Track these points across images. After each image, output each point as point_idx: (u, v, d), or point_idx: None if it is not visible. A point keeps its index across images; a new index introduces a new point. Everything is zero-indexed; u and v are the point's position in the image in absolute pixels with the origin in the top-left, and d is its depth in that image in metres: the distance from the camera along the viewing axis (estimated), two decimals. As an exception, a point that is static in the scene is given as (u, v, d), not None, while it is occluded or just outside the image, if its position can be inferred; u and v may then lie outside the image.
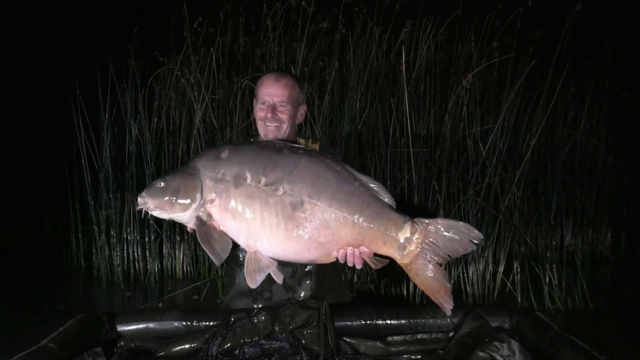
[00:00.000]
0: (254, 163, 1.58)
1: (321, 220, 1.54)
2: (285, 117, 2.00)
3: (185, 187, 1.61)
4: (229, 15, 3.78)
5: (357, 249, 1.56)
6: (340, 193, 1.54)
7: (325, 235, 1.54)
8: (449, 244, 1.54)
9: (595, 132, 4.09)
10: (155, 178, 3.63)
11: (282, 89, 1.99)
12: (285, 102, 1.99)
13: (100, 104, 3.64)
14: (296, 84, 2.06)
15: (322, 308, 1.77)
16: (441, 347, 1.82)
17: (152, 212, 1.65)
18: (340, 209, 1.53)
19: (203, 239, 1.59)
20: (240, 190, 1.57)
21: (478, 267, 3.32)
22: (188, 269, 3.73)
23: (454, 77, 3.55)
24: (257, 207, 1.55)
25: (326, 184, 1.55)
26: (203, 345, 1.76)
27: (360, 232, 1.53)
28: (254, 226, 1.57)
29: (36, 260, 4.04)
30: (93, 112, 3.66)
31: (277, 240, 1.56)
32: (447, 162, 3.38)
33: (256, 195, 1.55)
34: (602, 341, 2.53)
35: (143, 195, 1.65)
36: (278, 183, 1.55)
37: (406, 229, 1.54)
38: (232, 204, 1.57)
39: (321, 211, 1.53)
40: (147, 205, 1.63)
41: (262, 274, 1.59)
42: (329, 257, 1.59)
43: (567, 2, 2.89)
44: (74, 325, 1.71)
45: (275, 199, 1.54)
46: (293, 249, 1.57)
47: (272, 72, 2.08)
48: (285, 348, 1.74)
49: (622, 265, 4.06)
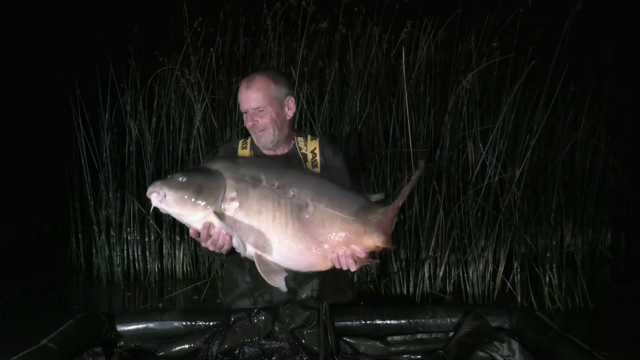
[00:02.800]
0: (267, 168, 1.68)
1: (319, 220, 1.64)
2: (267, 121, 1.95)
3: (209, 184, 1.60)
4: (229, 15, 3.78)
5: (348, 249, 1.65)
6: (337, 196, 1.69)
7: (322, 234, 1.64)
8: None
9: (595, 132, 4.09)
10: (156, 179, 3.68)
11: (255, 93, 1.93)
12: (262, 106, 1.93)
13: (100, 104, 3.64)
14: (270, 81, 1.96)
15: (322, 308, 1.77)
16: (441, 347, 1.82)
17: (165, 208, 1.56)
18: (334, 209, 1.66)
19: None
20: (257, 191, 1.64)
21: (478, 267, 3.32)
22: (188, 269, 3.73)
23: (454, 77, 3.55)
24: (270, 207, 1.63)
25: (327, 190, 1.69)
26: (203, 345, 1.76)
27: (348, 227, 1.65)
28: (265, 225, 1.63)
29: (36, 260, 4.03)
30: (93, 112, 3.66)
31: (285, 238, 1.63)
32: (447, 162, 3.38)
33: (270, 196, 1.64)
34: (602, 341, 2.53)
35: (159, 186, 1.55)
36: (288, 187, 1.65)
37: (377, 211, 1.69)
38: (249, 203, 1.63)
39: (321, 212, 1.64)
40: (164, 198, 1.54)
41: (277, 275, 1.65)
42: (325, 260, 1.67)
43: (567, 2, 2.89)
44: (74, 325, 1.71)
45: (286, 200, 1.64)
46: (297, 248, 1.64)
47: (243, 79, 1.99)
48: (285, 348, 1.74)
49: (622, 265, 4.06)
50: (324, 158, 2.06)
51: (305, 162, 2.02)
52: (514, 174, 3.19)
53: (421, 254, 3.36)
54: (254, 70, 2.14)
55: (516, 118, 3.38)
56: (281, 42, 3.70)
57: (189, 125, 3.70)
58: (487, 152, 3.26)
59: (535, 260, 3.15)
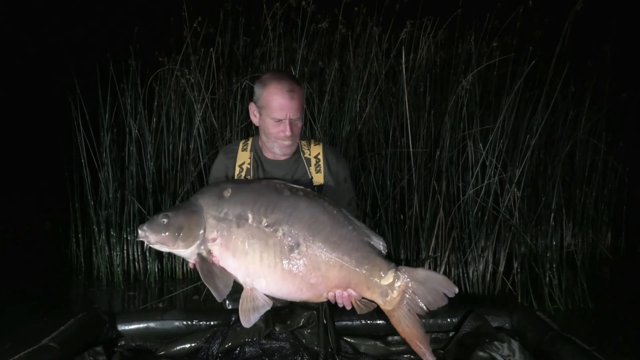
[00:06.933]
0: (256, 204, 1.62)
1: (314, 262, 1.58)
2: (299, 129, 1.94)
3: (189, 224, 1.63)
4: (228, 15, 3.78)
5: (345, 291, 1.60)
6: (333, 236, 1.59)
7: (316, 277, 1.58)
8: (427, 295, 1.57)
9: (595, 132, 4.08)
10: (156, 179, 3.69)
11: (298, 103, 1.88)
12: (299, 117, 1.91)
13: (100, 104, 3.64)
14: (303, 92, 1.97)
15: (322, 308, 1.78)
16: (441, 346, 1.83)
17: (153, 247, 1.66)
18: (330, 252, 1.58)
19: (205, 276, 1.61)
20: (242, 230, 1.60)
21: (478, 267, 3.32)
22: (188, 269, 3.73)
23: (454, 77, 3.55)
24: (257, 247, 1.59)
25: (321, 226, 1.60)
26: (204, 345, 1.77)
27: (347, 276, 1.58)
28: (253, 265, 1.60)
29: (36, 261, 4.03)
30: (93, 112, 3.66)
31: (273, 279, 1.60)
32: (447, 162, 3.38)
33: (257, 235, 1.59)
34: (602, 341, 2.53)
35: (145, 229, 1.65)
36: (278, 225, 1.59)
37: (389, 275, 1.58)
38: (234, 242, 1.61)
39: (314, 253, 1.58)
40: (148, 239, 1.64)
41: (256, 313, 1.61)
42: (319, 297, 1.63)
43: (567, 2, 2.89)
44: (75, 325, 1.72)
45: (275, 240, 1.58)
46: (287, 289, 1.61)
47: (280, 83, 1.88)
48: (286, 348, 1.75)
49: (622, 265, 4.06)
50: (327, 163, 2.03)
51: (308, 167, 2.00)
52: (514, 174, 3.19)
53: (421, 254, 3.36)
54: (287, 76, 1.96)
55: (516, 118, 3.38)
56: (281, 42, 3.70)
57: (189, 125, 3.69)
58: (487, 152, 3.26)
59: (535, 260, 3.15)
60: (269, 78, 1.92)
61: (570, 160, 4.00)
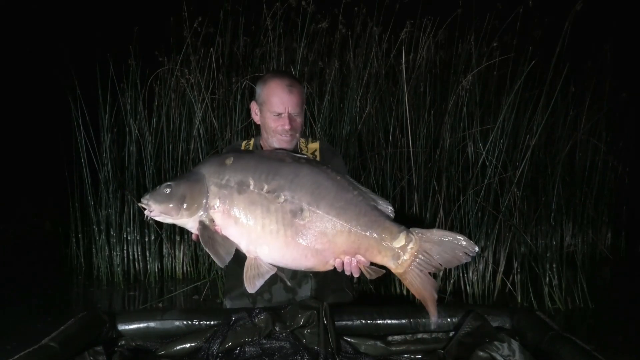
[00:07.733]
0: (257, 170, 1.60)
1: (319, 228, 1.55)
2: (298, 125, 1.98)
3: (192, 193, 1.63)
4: (228, 15, 3.78)
5: (354, 257, 1.57)
6: (339, 201, 1.55)
7: (322, 243, 1.55)
8: (444, 254, 1.54)
9: (595, 132, 4.09)
10: (156, 179, 3.69)
11: (297, 98, 1.93)
12: (298, 112, 1.96)
13: (100, 104, 3.64)
14: (303, 89, 2.01)
15: (322, 308, 1.78)
16: (441, 346, 1.83)
17: (156, 218, 1.66)
18: (337, 217, 1.54)
19: (207, 242, 1.60)
20: (243, 197, 1.59)
21: (478, 267, 3.32)
22: (188, 269, 3.73)
23: (454, 77, 3.55)
24: (258, 213, 1.57)
25: (325, 192, 1.56)
26: (204, 345, 1.76)
27: (356, 240, 1.54)
28: (254, 232, 1.58)
29: (36, 260, 4.03)
30: (93, 112, 3.66)
31: (276, 246, 1.58)
32: (447, 162, 3.38)
33: (258, 202, 1.57)
34: (602, 341, 2.53)
35: (147, 199, 1.65)
36: (279, 190, 1.56)
37: (401, 238, 1.55)
38: (235, 209, 1.59)
39: (319, 219, 1.55)
40: (151, 210, 1.64)
41: (261, 279, 1.61)
42: (325, 264, 1.60)
43: (567, 2, 2.90)
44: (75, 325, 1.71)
45: (277, 206, 1.55)
46: (291, 255, 1.58)
47: (281, 79, 1.95)
48: (286, 348, 1.75)
49: (622, 265, 4.06)
50: (323, 160, 2.06)
51: None
52: (514, 174, 3.19)
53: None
54: (286, 73, 2.03)
55: (516, 118, 3.38)
56: (281, 42, 3.71)
57: (189, 125, 3.69)
58: (487, 152, 3.26)
59: (535, 260, 3.16)
60: (269, 76, 1.99)
61: (570, 160, 4.00)
